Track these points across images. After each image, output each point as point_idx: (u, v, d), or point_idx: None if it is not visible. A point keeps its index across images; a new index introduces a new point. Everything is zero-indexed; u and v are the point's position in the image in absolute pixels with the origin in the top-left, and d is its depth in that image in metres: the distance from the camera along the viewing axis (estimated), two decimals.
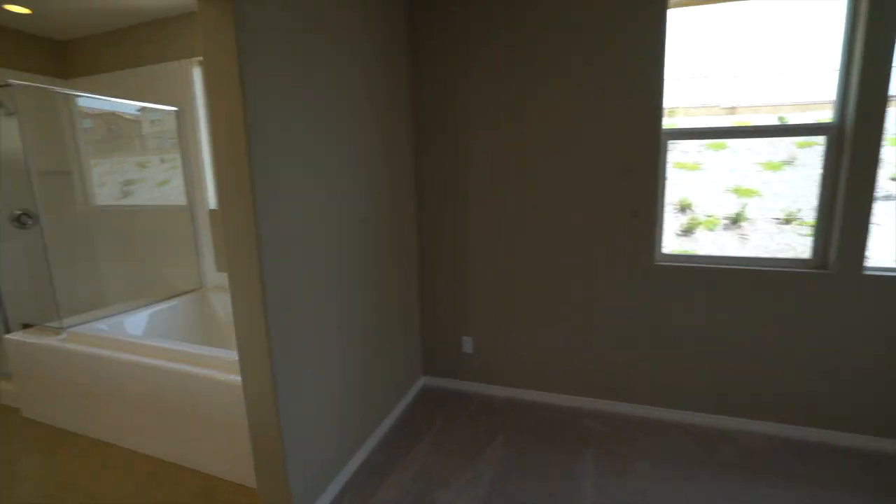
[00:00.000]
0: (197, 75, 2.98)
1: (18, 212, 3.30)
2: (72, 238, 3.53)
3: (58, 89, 3.14)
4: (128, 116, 3.53)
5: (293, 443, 1.67)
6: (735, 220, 2.44)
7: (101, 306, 3.66)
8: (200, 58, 2.25)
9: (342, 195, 1.91)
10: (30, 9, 2.80)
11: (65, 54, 3.43)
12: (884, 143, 1.90)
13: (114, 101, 3.24)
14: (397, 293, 2.49)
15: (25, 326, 2.63)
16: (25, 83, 2.54)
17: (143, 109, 3.35)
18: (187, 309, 3.03)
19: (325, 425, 1.87)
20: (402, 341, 2.59)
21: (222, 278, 3.24)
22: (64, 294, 3.47)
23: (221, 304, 3.15)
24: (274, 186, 1.52)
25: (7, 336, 2.53)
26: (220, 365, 2.04)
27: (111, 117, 3.60)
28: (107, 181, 3.67)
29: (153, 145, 3.47)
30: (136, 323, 2.72)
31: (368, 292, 2.16)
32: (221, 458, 2.04)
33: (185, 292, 3.16)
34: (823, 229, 2.10)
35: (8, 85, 2.41)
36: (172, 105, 3.02)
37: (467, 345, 2.75)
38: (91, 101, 3.42)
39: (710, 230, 2.46)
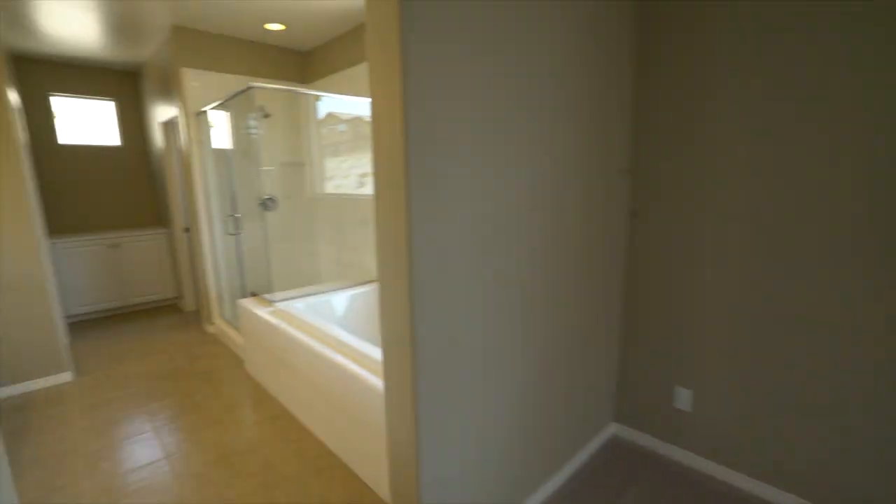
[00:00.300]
0: None
1: (266, 196, 3.97)
2: (298, 221, 4.05)
3: (299, 89, 3.57)
4: (367, 119, 3.86)
5: (432, 481, 1.34)
6: None
7: (315, 282, 4.16)
8: None
9: (526, 196, 1.47)
10: (284, 24, 3.22)
11: (304, 63, 3.92)
12: None
13: (343, 100, 3.52)
14: (590, 317, 1.93)
15: (253, 294, 3.05)
16: (263, 85, 2.87)
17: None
18: (376, 295, 3.09)
19: (475, 468, 1.49)
20: (591, 375, 2.02)
21: None
22: (288, 268, 4.02)
23: None
24: (437, 184, 1.19)
25: (239, 301, 2.96)
26: (375, 367, 1.87)
27: (358, 121, 4.05)
28: (349, 174, 4.10)
29: None
30: (336, 302, 2.87)
31: (551, 313, 1.68)
32: (371, 465, 1.88)
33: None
34: None
35: (249, 88, 2.76)
36: None
37: (682, 399, 2.00)
38: (344, 106, 3.84)
39: None
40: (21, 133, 3.31)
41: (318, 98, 3.94)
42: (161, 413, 2.55)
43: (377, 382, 1.77)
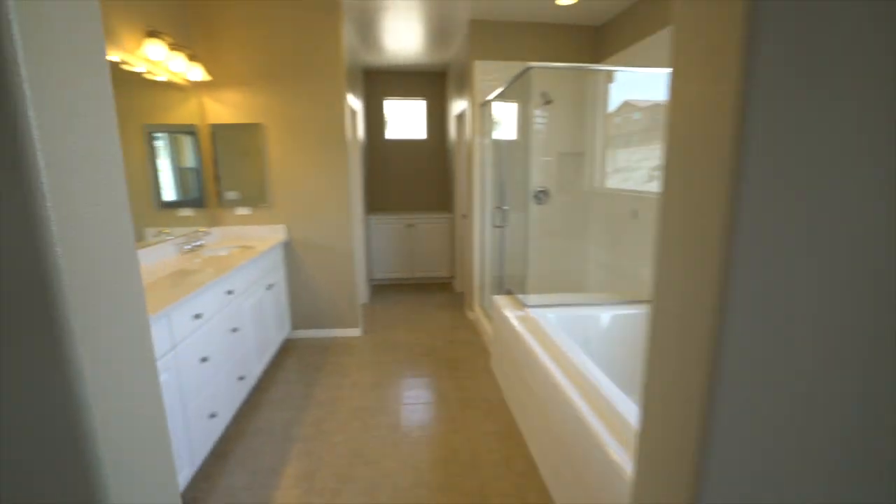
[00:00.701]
0: None
1: (539, 189, 3.77)
2: (569, 217, 3.68)
3: (586, 66, 3.16)
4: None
5: None
6: None
7: (578, 287, 3.73)
8: None
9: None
10: None
11: (596, 40, 3.46)
12: None
13: (640, 81, 2.95)
14: None
15: (509, 292, 2.88)
16: (542, 65, 2.59)
17: None
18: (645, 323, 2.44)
19: None
20: None
21: None
22: (549, 268, 3.71)
23: None
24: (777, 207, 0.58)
25: (494, 297, 2.84)
26: (617, 426, 1.32)
27: (656, 108, 3.49)
28: (639, 167, 3.57)
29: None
30: (593, 320, 2.40)
31: None
32: None
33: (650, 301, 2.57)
34: None
35: (528, 69, 2.51)
36: None
37: None
38: (641, 91, 3.32)
39: None
40: (359, 132, 4.18)
41: (609, 80, 3.44)
42: (411, 391, 2.66)
43: (624, 461, 1.23)
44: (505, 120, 3.60)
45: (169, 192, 2.67)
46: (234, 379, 2.23)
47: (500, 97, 3.18)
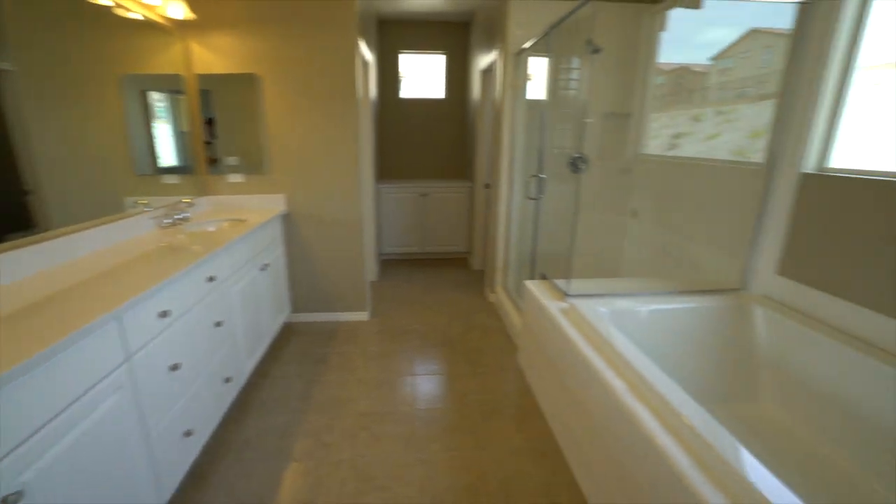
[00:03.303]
0: None
1: (576, 155, 3.27)
2: (612, 188, 3.20)
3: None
4: (696, 69, 2.92)
5: None
6: None
7: (619, 270, 3.29)
8: None
9: None
10: None
11: None
12: None
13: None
14: None
15: (543, 277, 2.46)
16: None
17: (717, 58, 2.39)
18: (716, 318, 2.01)
19: None
20: None
21: (780, 286, 1.97)
22: (587, 246, 3.27)
23: (768, 328, 1.91)
24: None
25: (526, 282, 2.42)
26: (716, 468, 0.92)
27: (682, 71, 2.98)
28: (659, 134, 3.10)
29: (714, 97, 2.76)
30: (654, 314, 1.97)
31: None
32: None
33: (717, 290, 2.13)
34: None
35: (585, 2, 1.99)
36: None
37: None
38: (667, 53, 2.78)
39: None
40: (371, 89, 3.67)
41: (662, 27, 2.89)
42: (426, 392, 2.29)
43: None
44: (541, 74, 3.08)
45: (151, 156, 2.25)
46: (219, 382, 1.86)
47: (538, 47, 2.65)
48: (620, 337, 1.63)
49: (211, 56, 2.60)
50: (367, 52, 3.20)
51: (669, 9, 2.76)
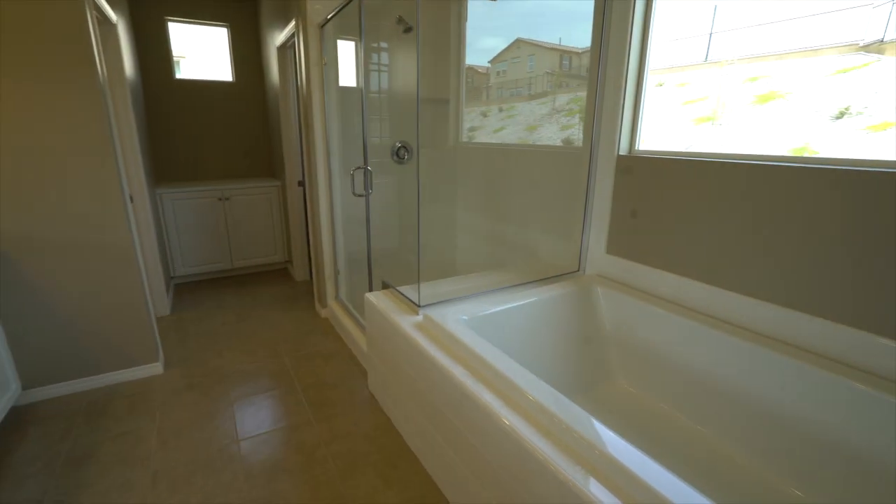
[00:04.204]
0: None
1: (399, 144, 3.00)
2: (436, 177, 3.05)
3: None
4: (480, 70, 2.99)
5: None
6: None
7: (450, 269, 3.16)
8: None
9: None
10: None
11: None
12: None
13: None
14: None
15: (385, 286, 2.12)
16: None
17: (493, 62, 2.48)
18: (566, 304, 1.98)
19: None
20: None
21: (611, 264, 2.05)
22: (412, 242, 3.07)
23: (609, 307, 1.97)
24: None
25: (367, 295, 2.05)
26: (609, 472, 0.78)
27: (470, 71, 3.01)
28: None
29: (495, 96, 2.96)
30: (504, 314, 1.82)
31: None
32: None
33: (559, 276, 2.13)
34: None
35: None
36: None
37: None
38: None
39: None
40: (129, 66, 2.68)
41: (465, 17, 2.82)
42: (259, 461, 1.75)
43: None
44: (353, 52, 2.70)
45: None
46: None
47: (346, 23, 2.27)
48: (488, 346, 1.42)
49: None
50: (108, 7, 2.30)
51: None
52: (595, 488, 0.91)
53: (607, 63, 1.92)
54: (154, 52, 3.51)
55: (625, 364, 1.90)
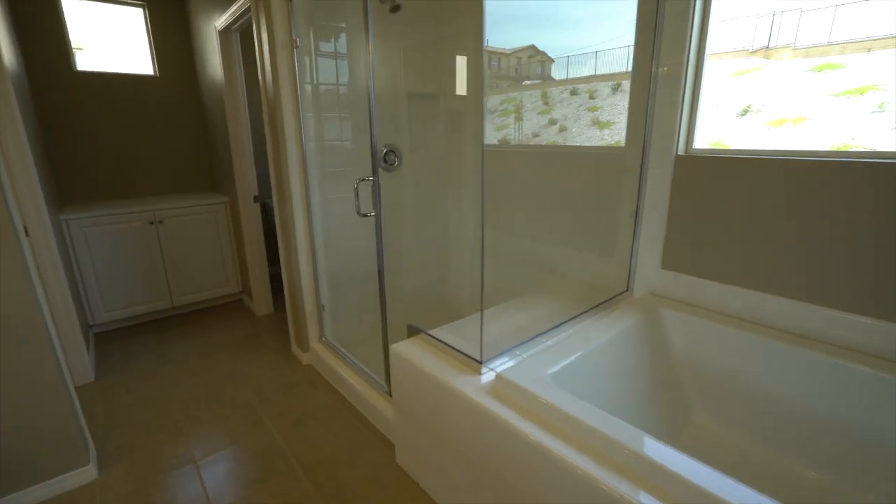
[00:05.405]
0: None
1: (386, 147, 2.52)
2: (435, 186, 2.61)
3: None
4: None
5: None
6: None
7: (476, 300, 2.70)
8: None
9: None
10: None
11: None
12: None
13: None
14: None
15: (411, 332, 1.64)
16: None
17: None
18: (637, 336, 1.64)
19: None
20: None
21: (667, 280, 1.76)
22: (417, 261, 2.60)
23: (677, 332, 1.66)
24: None
25: (394, 347, 1.57)
26: None
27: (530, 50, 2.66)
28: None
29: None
30: (580, 362, 1.43)
31: None
32: None
33: (609, 299, 1.79)
34: None
35: None
36: None
37: None
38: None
39: None
40: (5, 51, 1.91)
41: None
42: None
43: None
44: (331, 34, 2.19)
45: None
46: None
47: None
48: (593, 411, 1.05)
49: None
50: None
51: None
52: None
53: (660, 53, 1.62)
54: (42, 37, 2.71)
55: (705, 397, 1.61)
